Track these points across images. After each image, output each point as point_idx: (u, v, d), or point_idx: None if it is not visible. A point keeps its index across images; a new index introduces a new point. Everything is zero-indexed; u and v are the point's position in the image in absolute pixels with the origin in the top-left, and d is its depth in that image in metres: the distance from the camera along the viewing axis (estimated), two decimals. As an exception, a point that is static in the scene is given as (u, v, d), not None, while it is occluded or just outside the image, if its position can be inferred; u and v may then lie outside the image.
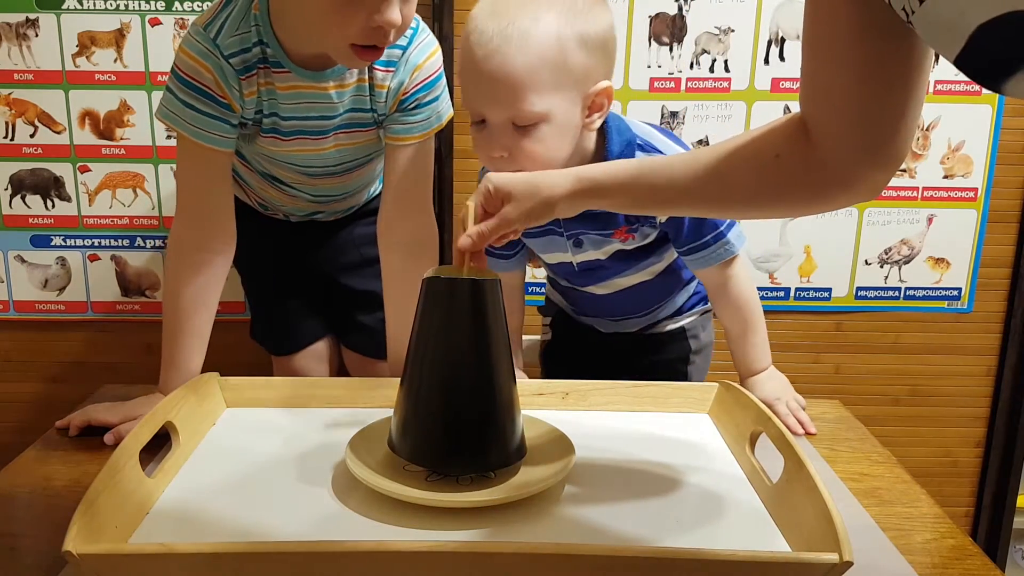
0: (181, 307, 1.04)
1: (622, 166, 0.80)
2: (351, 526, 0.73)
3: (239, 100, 1.01)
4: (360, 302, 1.35)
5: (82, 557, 0.61)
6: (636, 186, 0.77)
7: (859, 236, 1.72)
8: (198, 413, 0.91)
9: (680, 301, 1.20)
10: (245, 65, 1.00)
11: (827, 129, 0.65)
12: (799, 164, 0.69)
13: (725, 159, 0.73)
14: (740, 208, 0.81)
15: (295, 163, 1.14)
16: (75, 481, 0.86)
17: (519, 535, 0.72)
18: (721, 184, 0.74)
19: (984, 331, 1.77)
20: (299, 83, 1.02)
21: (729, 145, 0.73)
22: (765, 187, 0.72)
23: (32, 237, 1.69)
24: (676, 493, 0.80)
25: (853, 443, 0.98)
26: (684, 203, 0.78)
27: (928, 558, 0.74)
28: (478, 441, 0.78)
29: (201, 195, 1.04)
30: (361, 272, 1.34)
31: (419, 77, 1.05)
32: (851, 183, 0.68)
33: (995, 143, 1.67)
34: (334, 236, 1.34)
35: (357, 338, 1.39)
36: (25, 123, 1.63)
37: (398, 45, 1.03)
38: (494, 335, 0.77)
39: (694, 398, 1.00)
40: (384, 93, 1.05)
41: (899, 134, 0.64)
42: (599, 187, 0.78)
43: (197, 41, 0.99)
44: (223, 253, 1.06)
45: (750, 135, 0.73)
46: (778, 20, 1.61)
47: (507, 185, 0.79)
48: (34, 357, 1.75)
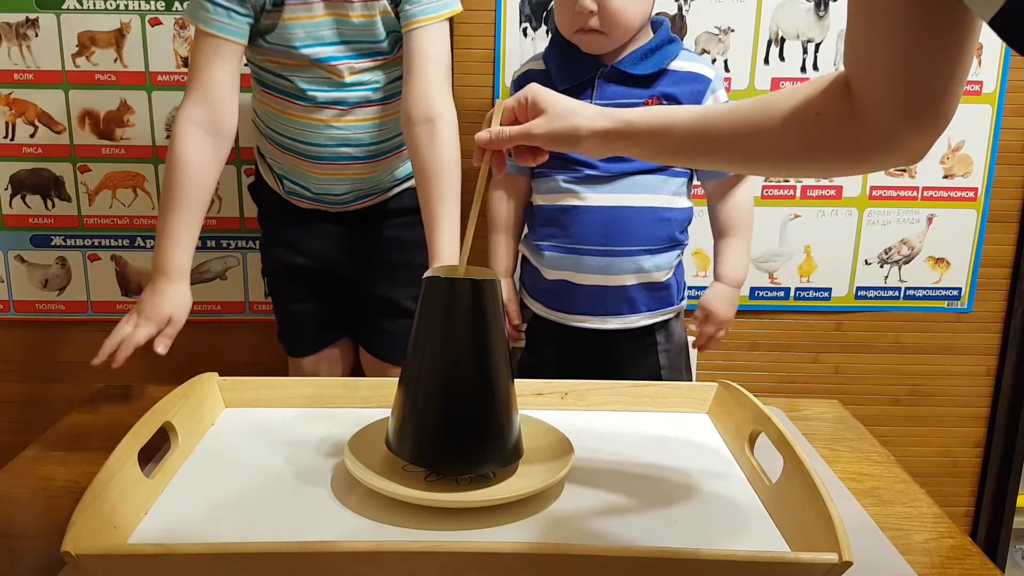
0: (180, 180, 1.10)
1: (657, 112, 0.78)
2: (350, 526, 0.73)
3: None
4: (383, 308, 1.36)
5: (81, 557, 0.61)
6: (669, 134, 0.75)
7: (859, 236, 1.72)
8: (197, 413, 0.91)
9: (664, 260, 1.26)
10: None
11: (871, 92, 0.64)
12: (839, 123, 0.67)
13: (763, 113, 0.71)
14: (774, 164, 0.78)
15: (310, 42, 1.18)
16: (74, 481, 0.86)
17: (518, 535, 0.72)
18: (758, 138, 0.72)
19: (984, 331, 1.77)
20: None
21: (768, 99, 0.72)
22: (803, 144, 0.70)
23: (32, 237, 1.69)
24: (676, 493, 0.80)
25: (852, 443, 0.98)
26: (717, 155, 0.76)
27: (927, 558, 0.74)
28: (477, 441, 0.78)
29: (210, 79, 1.12)
30: (384, 277, 1.35)
31: None
32: (891, 146, 0.66)
33: (995, 143, 1.67)
34: (359, 238, 1.35)
35: (377, 342, 1.40)
36: (25, 123, 1.63)
37: None
38: (493, 335, 0.77)
39: (693, 398, 1.00)
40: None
41: (944, 99, 0.62)
42: (633, 131, 0.76)
43: None
44: (226, 137, 1.14)
45: (791, 91, 0.71)
46: (778, 20, 1.61)
47: (544, 100, 0.78)
48: (34, 357, 1.75)
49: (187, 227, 1.09)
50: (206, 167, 1.12)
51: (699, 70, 1.24)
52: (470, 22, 1.56)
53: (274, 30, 1.16)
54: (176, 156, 1.10)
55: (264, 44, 1.18)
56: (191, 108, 1.12)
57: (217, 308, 1.71)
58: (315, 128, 1.24)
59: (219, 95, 1.13)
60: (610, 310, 1.26)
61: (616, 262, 1.23)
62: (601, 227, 1.23)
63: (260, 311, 1.72)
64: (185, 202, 1.09)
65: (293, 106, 1.23)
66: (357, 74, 1.22)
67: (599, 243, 1.23)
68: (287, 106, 1.24)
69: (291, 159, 1.27)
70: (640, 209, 1.23)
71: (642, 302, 1.26)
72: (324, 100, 1.22)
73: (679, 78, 1.22)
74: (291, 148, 1.27)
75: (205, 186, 1.12)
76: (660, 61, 1.22)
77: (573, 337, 1.29)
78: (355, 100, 1.23)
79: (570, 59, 1.24)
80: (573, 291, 1.26)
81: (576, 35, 1.21)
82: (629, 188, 1.23)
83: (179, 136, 1.11)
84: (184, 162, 1.10)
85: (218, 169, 1.14)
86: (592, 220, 1.23)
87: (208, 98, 1.12)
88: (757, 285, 1.73)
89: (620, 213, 1.23)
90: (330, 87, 1.21)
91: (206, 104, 1.12)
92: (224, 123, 1.13)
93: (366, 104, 1.24)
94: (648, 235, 1.24)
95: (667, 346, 1.30)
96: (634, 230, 1.23)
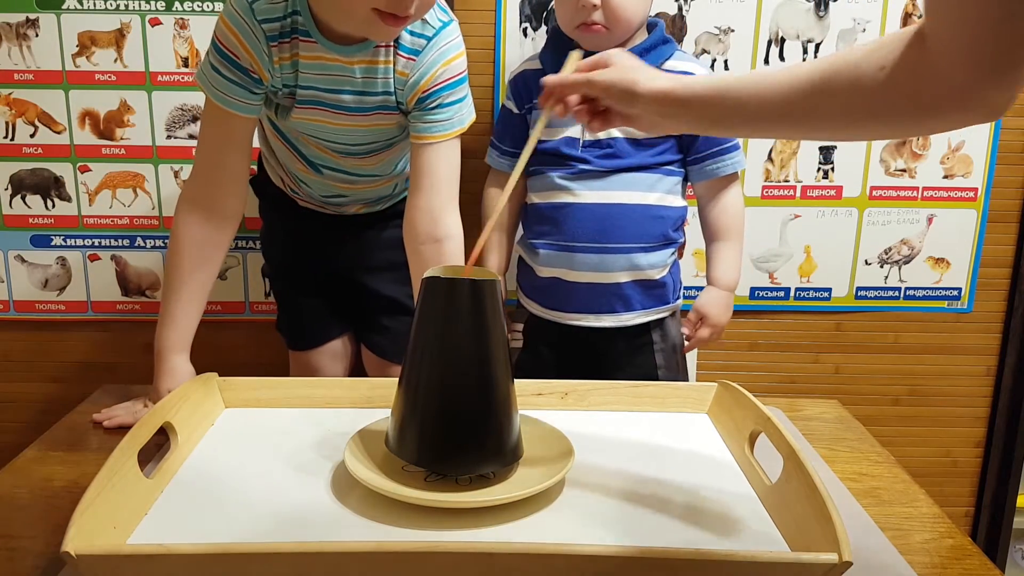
0: (183, 264, 1.06)
1: (714, 77, 0.77)
2: (350, 526, 0.73)
3: (268, 67, 1.04)
4: (383, 305, 1.36)
5: (81, 558, 0.61)
6: (726, 99, 0.73)
7: (859, 236, 1.72)
8: (197, 414, 0.91)
9: (658, 258, 1.26)
10: (278, 32, 1.03)
11: (950, 43, 0.60)
12: (909, 77, 0.64)
13: (821, 73, 0.68)
14: (838, 127, 0.74)
15: (318, 136, 1.15)
16: (74, 482, 0.86)
17: (518, 535, 0.72)
18: (817, 99, 0.69)
19: (984, 331, 1.77)
20: (324, 54, 1.04)
21: (828, 59, 0.69)
22: (866, 102, 0.67)
23: (32, 237, 1.69)
24: (675, 493, 0.80)
25: (852, 443, 0.98)
26: (774, 120, 0.73)
27: (927, 558, 0.74)
28: (477, 441, 0.78)
29: (216, 157, 1.07)
30: (387, 276, 1.34)
31: (442, 75, 1.06)
32: (968, 101, 0.62)
33: (995, 143, 1.67)
34: (362, 236, 1.35)
35: (379, 340, 1.40)
36: (25, 123, 1.63)
37: (424, 35, 1.05)
38: (493, 336, 0.77)
39: (693, 398, 1.00)
40: (404, 81, 1.07)
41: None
42: (691, 93, 0.75)
43: (233, 8, 1.03)
44: (230, 218, 1.09)
45: (852, 49, 0.68)
46: (778, 20, 1.61)
47: (614, 55, 0.79)
48: (34, 357, 1.75)
49: (187, 310, 1.06)
50: (207, 249, 1.07)
51: (693, 70, 1.24)
52: (470, 22, 1.55)
53: (287, 113, 1.12)
54: (175, 238, 1.06)
55: (274, 117, 1.15)
56: (194, 186, 1.08)
57: (217, 308, 1.71)
58: (317, 184, 1.25)
59: (225, 176, 1.07)
60: (604, 307, 1.27)
61: (610, 259, 1.24)
62: (595, 223, 1.23)
63: (260, 311, 1.72)
64: (182, 284, 1.05)
65: (297, 163, 1.23)
66: (375, 160, 1.21)
67: (593, 239, 1.24)
68: (291, 160, 1.23)
69: (292, 160, 1.27)
70: (634, 206, 1.24)
71: (636, 300, 1.27)
72: (329, 172, 1.22)
73: None
74: (293, 175, 1.27)
75: (205, 268, 1.07)
76: (654, 60, 1.22)
77: (569, 336, 1.29)
78: (361, 175, 1.23)
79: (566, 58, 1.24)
80: (567, 289, 1.27)
81: (577, 30, 1.21)
82: (623, 185, 1.23)
83: (180, 218, 1.07)
84: (182, 244, 1.06)
85: (223, 249, 1.09)
86: (586, 216, 1.24)
87: (212, 178, 1.07)
88: (757, 285, 1.73)
89: (614, 210, 1.23)
90: (336, 167, 1.21)
91: (210, 184, 1.07)
92: (229, 204, 1.08)
93: (373, 181, 1.25)
94: (642, 232, 1.24)
95: (663, 345, 1.31)
96: (628, 227, 1.23)
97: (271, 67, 1.04)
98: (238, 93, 1.04)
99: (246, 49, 1.02)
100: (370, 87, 1.07)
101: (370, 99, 1.08)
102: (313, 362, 1.42)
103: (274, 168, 1.32)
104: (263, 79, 1.04)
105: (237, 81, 1.03)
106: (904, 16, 1.62)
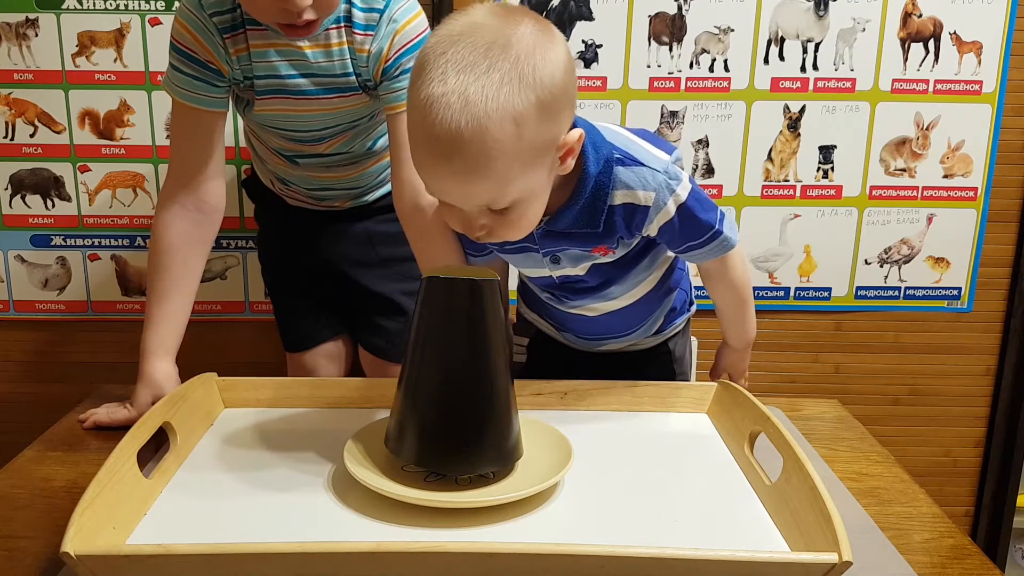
0: (165, 263, 1.06)
1: None
2: (350, 526, 0.73)
3: (226, 60, 1.04)
4: (378, 305, 1.35)
5: (80, 558, 0.61)
6: None
7: (859, 236, 1.72)
8: (196, 414, 0.91)
9: (663, 313, 1.14)
10: (230, 24, 1.03)
11: None
12: None
13: None
14: None
15: (279, 127, 1.15)
16: (73, 482, 0.86)
17: (518, 535, 0.72)
18: None
19: (984, 331, 1.77)
20: (276, 41, 1.04)
21: None
22: None
23: (32, 237, 1.69)
24: (675, 493, 0.80)
25: (852, 443, 0.98)
26: None
27: (927, 558, 0.74)
28: (476, 442, 0.78)
29: (190, 154, 1.07)
30: (378, 273, 1.34)
31: (401, 41, 1.04)
32: None
33: (995, 143, 1.67)
34: (351, 231, 1.34)
35: (375, 340, 1.39)
36: (25, 123, 1.63)
37: (375, 8, 1.03)
38: (492, 335, 0.77)
39: (693, 398, 1.00)
40: (366, 58, 1.05)
41: None
42: None
43: (185, 6, 1.04)
44: (211, 214, 1.09)
45: None
46: (778, 20, 1.61)
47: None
48: (34, 357, 1.75)
49: (170, 312, 1.05)
50: (189, 248, 1.07)
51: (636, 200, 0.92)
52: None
53: (252, 105, 1.11)
54: (156, 238, 1.06)
55: (241, 114, 1.15)
56: (171, 186, 1.07)
57: (217, 308, 1.71)
58: (298, 178, 1.25)
59: (200, 172, 1.07)
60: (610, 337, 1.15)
61: (609, 342, 1.14)
62: (588, 325, 1.11)
63: (260, 311, 1.72)
64: (167, 287, 1.05)
65: (275, 157, 1.23)
66: (338, 143, 1.19)
67: (588, 335, 1.13)
68: (269, 155, 1.23)
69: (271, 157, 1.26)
70: (630, 306, 1.09)
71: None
72: (304, 161, 1.21)
73: (620, 212, 0.93)
74: (275, 172, 1.27)
75: (189, 268, 1.07)
76: (598, 214, 0.92)
77: (574, 352, 1.18)
78: (337, 160, 1.22)
79: None
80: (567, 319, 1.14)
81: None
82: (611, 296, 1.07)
83: (159, 217, 1.06)
84: (164, 245, 1.05)
85: (205, 246, 1.09)
86: (577, 319, 1.11)
87: (189, 175, 1.07)
88: (757, 285, 1.73)
89: (605, 318, 1.10)
90: (309, 154, 1.20)
91: (187, 182, 1.07)
92: (208, 199, 1.08)
93: (350, 167, 1.24)
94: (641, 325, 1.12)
95: (681, 352, 1.22)
96: (622, 329, 1.12)
97: (228, 59, 1.05)
98: (201, 88, 1.04)
99: (200, 44, 1.03)
100: (327, 70, 1.07)
101: (328, 80, 1.08)
102: (309, 364, 1.41)
103: (262, 169, 1.32)
104: (223, 71, 1.05)
105: (199, 76, 1.04)
106: (904, 16, 1.62)
